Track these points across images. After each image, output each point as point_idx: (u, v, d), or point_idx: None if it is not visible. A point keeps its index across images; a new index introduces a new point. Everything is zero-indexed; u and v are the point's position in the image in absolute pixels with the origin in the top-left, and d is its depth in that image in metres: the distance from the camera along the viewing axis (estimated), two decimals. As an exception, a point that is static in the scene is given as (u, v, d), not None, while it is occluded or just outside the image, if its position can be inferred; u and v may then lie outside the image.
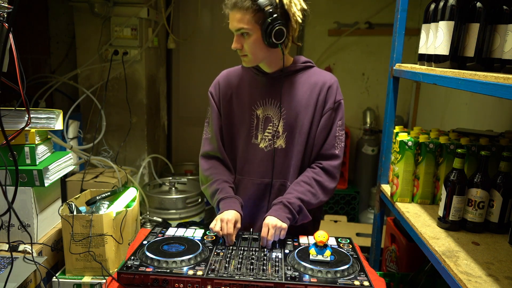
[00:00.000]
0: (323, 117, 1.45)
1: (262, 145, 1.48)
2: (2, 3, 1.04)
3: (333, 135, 1.47)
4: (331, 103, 1.45)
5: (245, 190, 1.51)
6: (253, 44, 1.36)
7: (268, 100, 1.46)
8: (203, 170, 1.54)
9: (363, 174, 3.50)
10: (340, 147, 1.48)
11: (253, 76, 1.50)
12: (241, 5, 1.31)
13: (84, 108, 3.11)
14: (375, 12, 3.42)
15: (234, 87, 1.51)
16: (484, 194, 1.31)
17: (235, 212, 1.38)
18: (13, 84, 1.16)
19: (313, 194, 1.43)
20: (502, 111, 1.99)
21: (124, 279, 1.16)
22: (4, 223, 1.41)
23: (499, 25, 1.19)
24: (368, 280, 1.15)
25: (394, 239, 2.03)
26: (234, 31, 1.36)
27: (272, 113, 1.47)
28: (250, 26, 1.32)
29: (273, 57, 1.43)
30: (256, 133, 1.48)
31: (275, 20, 1.30)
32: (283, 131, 1.46)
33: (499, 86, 0.93)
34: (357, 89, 3.61)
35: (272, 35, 1.32)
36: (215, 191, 1.46)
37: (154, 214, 2.94)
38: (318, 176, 1.45)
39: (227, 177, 1.50)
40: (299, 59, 1.50)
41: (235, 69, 1.56)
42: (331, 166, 1.46)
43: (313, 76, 1.48)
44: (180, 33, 3.61)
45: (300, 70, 1.48)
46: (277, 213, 1.37)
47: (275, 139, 1.47)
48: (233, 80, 1.52)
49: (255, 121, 1.48)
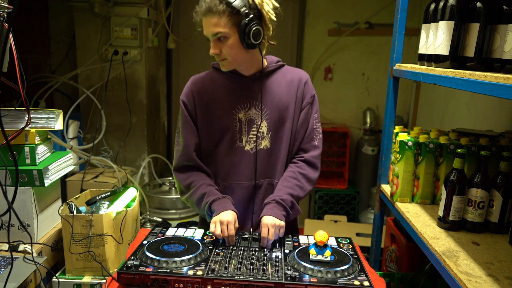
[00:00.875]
0: (302, 112, 1.50)
1: (247, 147, 1.48)
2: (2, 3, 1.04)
3: (311, 128, 1.51)
4: (308, 98, 1.50)
5: (233, 194, 1.49)
6: (231, 47, 1.35)
7: (250, 102, 1.46)
8: (181, 181, 1.49)
9: (363, 174, 3.50)
10: (319, 138, 1.53)
11: (228, 80, 1.48)
12: (216, 9, 1.30)
13: (84, 108, 3.11)
14: (375, 12, 3.42)
15: (210, 93, 1.48)
16: (484, 194, 1.31)
17: (232, 212, 1.37)
18: (13, 84, 1.16)
19: (301, 187, 1.46)
20: (502, 111, 1.99)
21: (124, 279, 1.16)
22: (4, 223, 1.41)
23: (499, 25, 1.19)
24: (368, 280, 1.15)
25: (394, 239, 2.03)
26: (211, 36, 1.36)
27: (254, 114, 1.47)
28: (226, 29, 1.32)
29: (251, 59, 1.43)
30: (240, 136, 1.47)
31: (251, 21, 1.31)
32: (267, 131, 1.47)
33: (499, 86, 0.93)
34: (357, 89, 3.62)
35: (251, 36, 1.32)
36: (201, 195, 1.43)
37: (154, 214, 2.94)
38: (302, 169, 1.49)
39: (209, 181, 1.48)
40: (272, 59, 1.52)
41: (205, 74, 1.53)
42: (312, 157, 1.50)
43: (287, 74, 1.51)
44: (180, 33, 3.61)
45: (275, 70, 1.50)
46: (273, 212, 1.37)
47: (260, 140, 1.47)
48: (207, 86, 1.49)
49: (237, 125, 1.47)
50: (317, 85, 3.60)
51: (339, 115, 3.67)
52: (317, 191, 3.44)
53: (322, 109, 3.62)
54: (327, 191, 3.43)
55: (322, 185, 3.43)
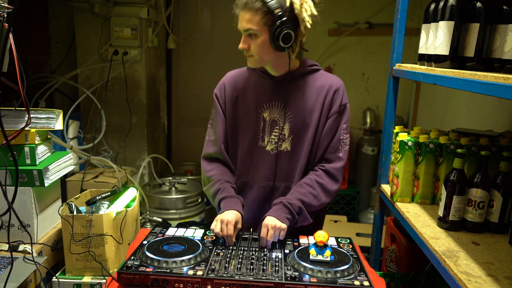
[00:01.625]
0: (328, 120, 1.46)
1: (268, 147, 1.48)
2: (2, 3, 1.04)
3: (338, 138, 1.47)
4: (337, 107, 1.46)
5: (250, 192, 1.51)
6: (260, 46, 1.36)
7: (275, 103, 1.47)
8: (205, 171, 1.53)
9: (363, 174, 3.50)
10: (344, 150, 1.48)
11: (259, 79, 1.50)
12: (251, 6, 1.31)
13: (84, 108, 3.11)
14: (375, 12, 3.42)
15: (240, 89, 1.50)
16: (484, 194, 1.31)
17: (235, 212, 1.37)
18: (13, 84, 1.16)
19: (315, 196, 1.43)
20: (502, 111, 1.99)
21: (124, 279, 1.16)
22: (4, 223, 1.41)
23: (499, 25, 1.18)
24: (368, 280, 1.15)
25: (394, 239, 2.03)
26: (243, 31, 1.36)
27: (278, 116, 1.47)
28: (258, 27, 1.32)
29: (280, 60, 1.43)
30: (262, 135, 1.48)
31: (283, 24, 1.30)
32: (289, 134, 1.47)
33: (499, 86, 0.93)
34: (357, 89, 3.61)
35: (280, 39, 1.32)
36: (216, 191, 1.46)
37: (154, 214, 2.94)
38: (321, 178, 1.45)
39: (229, 177, 1.50)
40: (306, 62, 1.50)
41: (240, 71, 1.56)
42: (334, 169, 1.46)
43: (319, 79, 1.48)
44: (180, 33, 3.61)
45: (307, 74, 1.49)
46: (277, 213, 1.37)
47: (281, 142, 1.47)
48: (239, 82, 1.52)
49: (261, 124, 1.48)
50: (317, 85, 3.61)
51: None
52: (317, 191, 3.43)
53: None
54: (327, 191, 3.42)
55: (322, 185, 3.42)
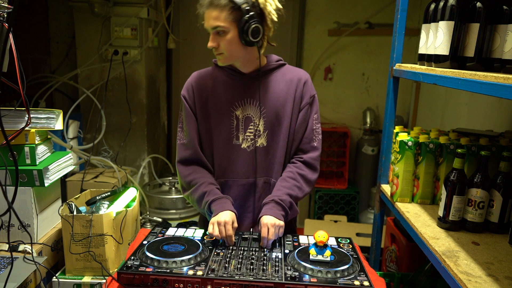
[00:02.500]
0: (300, 112, 1.49)
1: (244, 145, 1.48)
2: (2, 3, 1.04)
3: (311, 129, 1.50)
4: (308, 98, 1.50)
5: (229, 191, 1.50)
6: (229, 42, 1.36)
7: (247, 100, 1.47)
8: (184, 176, 1.50)
9: (363, 174, 3.50)
10: (318, 139, 1.52)
11: (228, 77, 1.49)
12: (218, 3, 1.31)
13: (84, 108, 3.11)
14: (375, 12, 3.42)
15: (209, 89, 1.49)
16: (484, 194, 1.31)
17: (230, 212, 1.37)
18: (13, 84, 1.16)
19: (299, 188, 1.46)
20: (502, 111, 1.99)
21: (124, 279, 1.16)
22: (4, 223, 1.41)
23: (499, 25, 1.19)
24: (368, 280, 1.15)
25: (394, 239, 2.03)
26: (210, 30, 1.36)
27: (252, 112, 1.47)
28: (226, 24, 1.32)
29: (249, 56, 1.43)
30: (237, 133, 1.47)
31: (251, 18, 1.31)
32: (264, 130, 1.47)
33: (499, 86, 0.93)
34: (357, 89, 3.62)
35: (249, 33, 1.32)
36: (202, 194, 1.44)
37: (154, 214, 2.94)
38: (301, 170, 1.48)
39: (211, 179, 1.48)
40: (272, 58, 1.52)
41: (207, 70, 1.55)
42: (311, 159, 1.50)
43: (287, 73, 1.51)
44: (180, 33, 3.61)
45: (275, 68, 1.50)
46: (272, 211, 1.37)
47: (257, 138, 1.47)
48: (207, 82, 1.50)
49: (234, 122, 1.47)
50: (317, 85, 3.61)
51: (339, 115, 3.67)
52: (317, 191, 3.44)
53: (322, 109, 3.64)
54: (327, 191, 3.43)
55: (322, 185, 3.43)
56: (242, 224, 1.51)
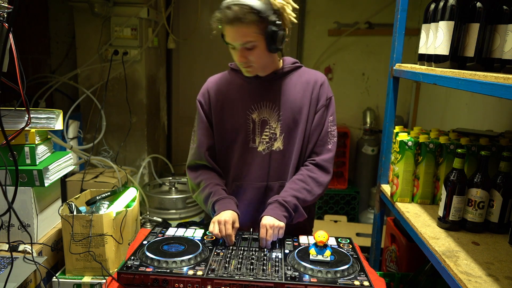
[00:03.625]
0: (316, 114, 1.48)
1: (260, 148, 1.48)
2: (2, 3, 1.04)
3: (326, 131, 1.49)
4: (324, 100, 1.49)
5: (245, 195, 1.50)
6: (258, 55, 1.35)
7: (263, 103, 1.46)
8: (192, 179, 1.52)
9: (363, 174, 3.50)
10: (333, 142, 1.50)
11: (244, 81, 1.49)
12: (245, 19, 1.27)
13: (84, 108, 3.11)
14: (375, 12, 3.42)
15: (225, 94, 1.49)
16: (484, 194, 1.31)
17: (231, 212, 1.37)
18: (13, 84, 1.16)
19: (308, 191, 1.44)
20: (502, 111, 1.99)
21: (124, 279, 1.16)
22: (4, 223, 1.41)
23: (499, 25, 1.19)
24: (368, 280, 1.15)
25: (394, 239, 2.03)
26: (238, 45, 1.33)
27: (268, 115, 1.46)
28: (255, 38, 1.31)
29: (270, 61, 1.44)
30: (253, 137, 1.47)
31: (278, 27, 1.31)
32: (280, 133, 1.47)
33: (499, 86, 0.93)
34: (357, 89, 3.61)
35: (277, 42, 1.33)
36: (208, 194, 1.45)
37: (154, 214, 2.94)
38: (312, 172, 1.47)
39: (218, 180, 1.49)
40: (288, 60, 1.52)
41: (222, 75, 1.55)
42: (324, 161, 1.48)
43: (303, 75, 1.50)
44: (180, 33, 3.61)
45: (291, 71, 1.50)
46: (274, 212, 1.37)
47: (273, 141, 1.47)
48: (222, 87, 1.50)
49: (251, 126, 1.47)
50: (317, 85, 3.60)
51: (339, 115, 3.63)
52: (317, 191, 3.44)
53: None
54: (327, 191, 3.41)
55: (322, 185, 3.42)
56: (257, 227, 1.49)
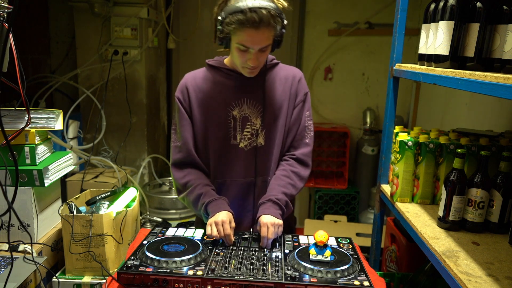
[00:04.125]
0: (295, 109, 1.50)
1: (241, 144, 1.48)
2: (2, 3, 1.04)
3: (303, 126, 1.51)
4: (302, 95, 1.51)
5: (228, 191, 1.50)
6: (266, 56, 1.38)
7: (244, 100, 1.46)
8: (178, 179, 1.49)
9: (363, 174, 3.50)
10: (310, 136, 1.53)
11: (224, 77, 1.48)
12: (269, 23, 1.26)
13: (84, 108, 3.11)
14: (375, 12, 3.42)
15: (205, 90, 1.48)
16: (484, 194, 1.31)
17: (226, 213, 1.37)
18: (13, 84, 1.16)
19: (293, 185, 1.47)
20: (502, 111, 1.99)
21: (124, 279, 1.16)
22: (4, 223, 1.41)
23: (499, 25, 1.19)
24: (368, 280, 1.15)
25: (394, 239, 2.03)
26: (256, 48, 1.30)
27: (249, 112, 1.47)
28: (271, 40, 1.33)
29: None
30: (234, 133, 1.47)
31: (285, 28, 1.34)
32: (261, 129, 1.47)
33: (499, 86, 0.93)
34: (357, 89, 3.62)
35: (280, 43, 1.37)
36: (198, 196, 1.43)
37: (154, 214, 2.94)
38: (294, 167, 1.49)
39: (206, 181, 1.48)
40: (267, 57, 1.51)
41: (200, 71, 1.54)
42: (303, 155, 1.50)
43: (281, 71, 1.52)
44: (180, 33, 3.61)
45: (270, 68, 1.51)
46: (270, 211, 1.38)
47: (254, 138, 1.47)
48: (202, 83, 1.49)
49: (232, 122, 1.46)
50: (317, 85, 3.61)
51: (339, 115, 3.67)
52: (317, 191, 3.44)
53: (322, 109, 3.65)
54: (327, 191, 3.43)
55: (322, 185, 3.43)
56: (241, 224, 1.51)
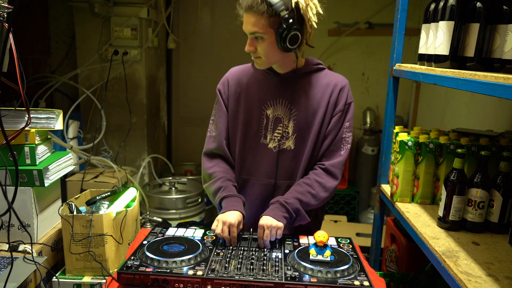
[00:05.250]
0: (333, 119, 1.46)
1: (271, 145, 1.47)
2: (2, 3, 1.04)
3: (340, 137, 1.47)
4: (342, 105, 1.46)
5: (251, 190, 1.50)
6: (267, 48, 1.34)
7: (279, 101, 1.46)
8: (206, 168, 1.51)
9: (363, 174, 3.50)
10: (346, 149, 1.47)
11: (264, 76, 1.48)
12: (257, 9, 1.28)
13: (84, 108, 3.11)
14: (375, 12, 3.42)
15: (244, 85, 1.49)
16: (484, 194, 1.31)
17: (237, 213, 1.36)
18: (13, 84, 1.16)
19: (313, 195, 1.42)
20: (502, 111, 1.99)
21: (124, 279, 1.16)
22: (4, 223, 1.41)
23: (499, 25, 1.19)
24: (368, 280, 1.15)
25: (394, 239, 2.03)
26: (248, 34, 1.34)
27: (282, 113, 1.46)
28: (264, 30, 1.30)
29: (286, 59, 1.42)
30: (265, 133, 1.47)
31: (290, 26, 1.28)
32: (292, 132, 1.46)
33: (499, 86, 0.93)
34: (357, 89, 3.61)
35: (287, 41, 1.30)
36: (217, 189, 1.44)
37: (154, 214, 2.94)
38: (319, 177, 1.44)
39: (230, 175, 1.49)
40: (311, 60, 1.50)
41: (244, 67, 1.54)
42: (332, 166, 1.45)
43: (325, 78, 1.48)
44: (180, 33, 3.61)
45: (312, 72, 1.48)
46: (273, 212, 1.36)
47: (284, 140, 1.46)
48: (243, 78, 1.50)
49: (264, 121, 1.46)
50: (317, 85, 3.60)
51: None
52: (317, 191, 3.43)
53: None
54: (327, 191, 3.42)
55: (322, 185, 3.42)
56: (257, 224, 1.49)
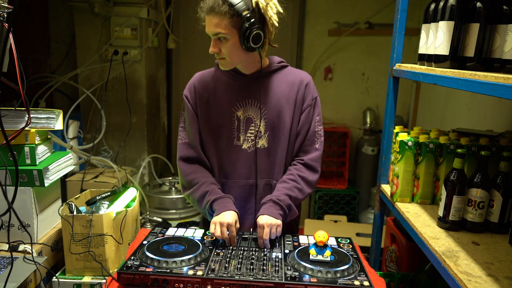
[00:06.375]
0: (302, 114, 1.49)
1: (245, 146, 1.48)
2: (2, 3, 1.04)
3: (313, 131, 1.50)
4: (309, 100, 1.50)
5: (230, 192, 1.50)
6: (230, 48, 1.36)
7: (248, 101, 1.47)
8: (185, 175, 1.49)
9: (363, 174, 3.50)
10: (320, 141, 1.52)
11: (230, 78, 1.49)
12: (218, 10, 1.30)
13: (84, 108, 3.11)
14: (375, 12, 3.42)
15: (211, 90, 1.49)
16: (484, 194, 1.31)
17: (233, 213, 1.37)
18: (13, 84, 1.16)
19: (300, 189, 1.45)
20: (502, 111, 1.99)
21: (124, 279, 1.16)
22: (4, 223, 1.41)
23: (499, 25, 1.19)
24: (368, 280, 1.15)
25: (394, 239, 2.03)
26: (211, 35, 1.36)
27: (253, 113, 1.47)
28: (227, 31, 1.32)
29: (251, 59, 1.44)
30: (237, 134, 1.48)
31: (252, 25, 1.31)
32: (265, 131, 1.47)
33: (499, 86, 0.93)
34: (357, 89, 3.62)
35: (250, 40, 1.32)
36: (203, 193, 1.44)
37: (154, 214, 2.94)
38: (301, 172, 1.48)
39: (212, 179, 1.49)
40: (274, 59, 1.52)
41: (209, 71, 1.55)
42: (312, 160, 1.49)
43: (289, 75, 1.51)
44: (180, 33, 3.61)
45: (276, 70, 1.50)
46: (269, 211, 1.37)
47: (258, 139, 1.47)
48: (209, 82, 1.51)
49: (236, 123, 1.47)
50: (317, 85, 3.58)
51: (339, 115, 3.67)
52: (317, 191, 3.44)
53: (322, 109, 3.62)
54: (327, 191, 3.43)
55: (322, 185, 3.43)
56: (243, 226, 1.51)
